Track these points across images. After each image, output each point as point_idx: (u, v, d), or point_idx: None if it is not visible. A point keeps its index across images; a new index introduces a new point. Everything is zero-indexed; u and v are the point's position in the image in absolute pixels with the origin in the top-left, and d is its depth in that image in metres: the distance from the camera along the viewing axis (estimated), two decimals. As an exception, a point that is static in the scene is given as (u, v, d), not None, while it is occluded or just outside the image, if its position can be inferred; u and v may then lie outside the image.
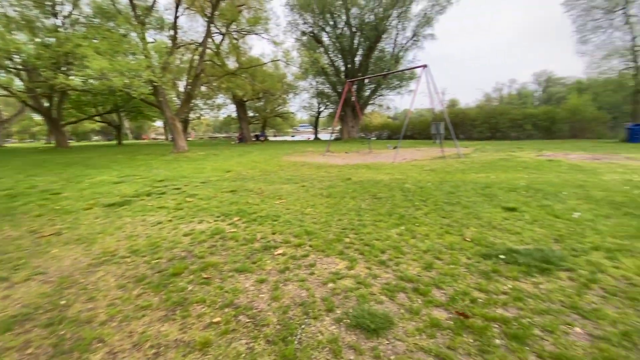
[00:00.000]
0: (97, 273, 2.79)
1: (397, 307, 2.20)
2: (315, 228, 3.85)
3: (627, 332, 1.83)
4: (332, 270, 2.77)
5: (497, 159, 10.41)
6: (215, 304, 2.26)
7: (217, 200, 5.43)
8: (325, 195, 5.64)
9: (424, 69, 11.46)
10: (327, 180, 7.24)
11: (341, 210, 4.66)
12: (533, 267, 2.65)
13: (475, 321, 1.99)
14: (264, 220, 4.23)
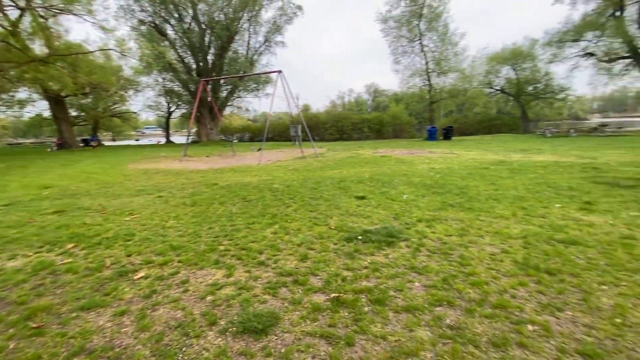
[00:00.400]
0: None
1: (280, 302, 2.27)
2: (182, 241, 3.48)
3: (446, 278, 2.51)
4: (209, 282, 2.59)
5: (346, 157, 12.07)
6: (57, 357, 1.73)
7: (36, 226, 4.14)
8: (189, 204, 5.17)
9: (279, 74, 12.04)
10: (189, 188, 6.64)
11: (210, 217, 4.39)
12: (382, 242, 3.25)
13: (348, 297, 2.28)
14: (113, 242, 3.52)
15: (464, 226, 3.67)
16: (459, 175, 6.97)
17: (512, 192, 5.25)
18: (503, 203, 4.58)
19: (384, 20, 26.40)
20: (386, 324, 1.98)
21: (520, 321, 1.93)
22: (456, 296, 2.25)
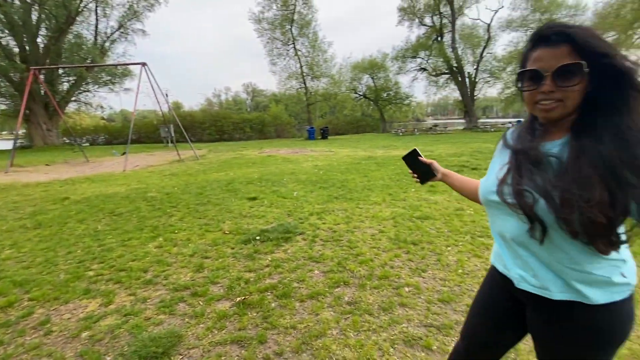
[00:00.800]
0: None
1: (180, 318, 2.08)
2: (30, 274, 2.73)
3: (340, 261, 2.81)
4: (80, 316, 2.13)
5: (230, 158, 11.67)
6: None
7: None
8: (31, 227, 4.05)
9: (143, 66, 10.59)
10: (28, 206, 5.17)
11: (67, 240, 3.56)
12: (280, 239, 3.35)
13: (253, 297, 2.28)
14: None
15: (348, 214, 4.16)
16: (339, 170, 7.76)
17: (380, 182, 6.21)
18: (375, 191, 5.38)
19: (257, 20, 26.56)
20: (294, 314, 2.09)
21: (399, 286, 2.37)
22: (350, 276, 2.56)
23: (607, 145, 0.67)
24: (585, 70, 0.69)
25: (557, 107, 0.74)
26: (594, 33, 0.71)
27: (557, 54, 0.71)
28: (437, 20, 31.60)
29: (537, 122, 0.84)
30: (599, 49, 0.69)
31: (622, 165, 0.65)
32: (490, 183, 0.87)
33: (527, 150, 0.79)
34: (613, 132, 0.68)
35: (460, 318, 1.96)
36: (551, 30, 0.72)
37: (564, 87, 0.71)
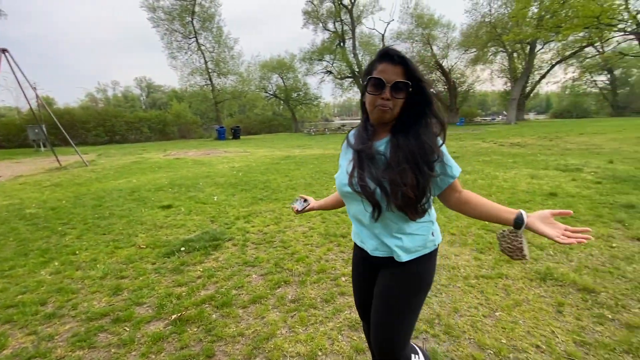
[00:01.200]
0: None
1: (104, 350, 1.81)
2: None
3: (277, 262, 2.82)
4: (-48, 375, 1.65)
5: (130, 163, 10.26)
6: None
7: None
8: None
9: (3, 53, 8.44)
10: None
11: None
12: (208, 247, 3.17)
13: (190, 312, 2.13)
14: None
15: (277, 215, 4.18)
16: (259, 171, 7.65)
17: (302, 180, 6.38)
18: (299, 190, 5.51)
19: (151, 8, 23.84)
20: (239, 321, 2.04)
21: (337, 277, 2.53)
22: (289, 274, 2.61)
23: (412, 145, 0.94)
24: (409, 89, 0.94)
25: (387, 112, 0.96)
26: (417, 68, 0.96)
27: (396, 71, 0.93)
28: (339, 26, 33.76)
29: (369, 124, 1.05)
30: (419, 75, 0.94)
31: (421, 160, 0.93)
32: (342, 177, 1.06)
33: (364, 149, 1.01)
34: (416, 135, 0.95)
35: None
36: (394, 52, 0.94)
37: (396, 97, 0.94)
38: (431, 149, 0.95)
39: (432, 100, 0.97)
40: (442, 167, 0.98)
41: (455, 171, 1.01)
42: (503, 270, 2.49)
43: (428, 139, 0.95)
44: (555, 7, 11.16)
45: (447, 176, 1.00)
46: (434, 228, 1.10)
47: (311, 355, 1.72)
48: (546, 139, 12.67)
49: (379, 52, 0.98)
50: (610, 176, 5.40)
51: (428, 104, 0.96)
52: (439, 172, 0.98)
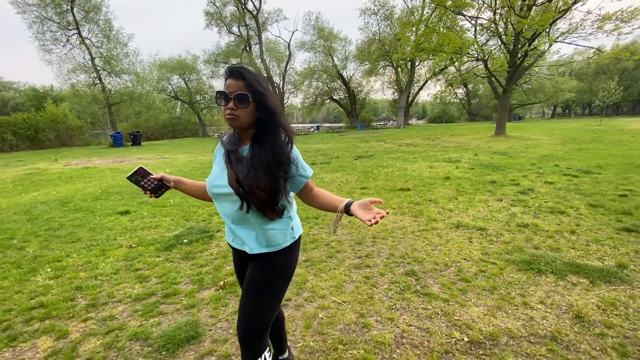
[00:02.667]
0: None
1: (177, 314, 2.19)
2: None
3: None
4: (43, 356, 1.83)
5: (22, 175, 8.68)
6: None
7: None
8: None
9: None
10: None
11: None
12: (205, 238, 3.53)
13: (230, 279, 2.61)
14: None
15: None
16: (199, 174, 7.68)
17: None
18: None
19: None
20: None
21: (328, 242, 3.32)
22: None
23: (267, 154, 1.07)
24: (250, 100, 1.06)
25: (236, 119, 1.08)
26: (257, 77, 1.09)
27: (238, 85, 1.06)
28: (244, 31, 33.79)
29: (235, 131, 1.18)
30: (256, 88, 1.07)
31: (275, 166, 1.07)
32: (214, 178, 1.18)
33: (232, 151, 1.14)
34: (270, 145, 1.09)
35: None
36: (236, 69, 1.08)
37: (240, 107, 1.06)
38: (284, 156, 1.08)
39: (274, 111, 1.10)
40: (296, 169, 1.12)
41: (308, 172, 1.16)
42: (434, 225, 3.71)
43: (279, 147, 1.09)
44: (429, 37, 14.18)
45: (302, 177, 1.15)
46: (294, 223, 1.22)
47: (339, 284, 2.49)
48: (429, 139, 15.84)
49: (225, 70, 1.11)
50: (478, 164, 7.62)
51: (272, 115, 1.10)
52: (294, 173, 1.12)
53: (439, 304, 2.18)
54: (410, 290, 2.37)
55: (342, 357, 1.73)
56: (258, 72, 1.61)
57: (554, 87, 39.12)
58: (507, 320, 1.98)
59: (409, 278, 2.54)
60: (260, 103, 1.08)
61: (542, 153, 9.16)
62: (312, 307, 2.23)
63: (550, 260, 2.69)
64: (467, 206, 4.35)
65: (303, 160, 1.17)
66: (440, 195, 4.97)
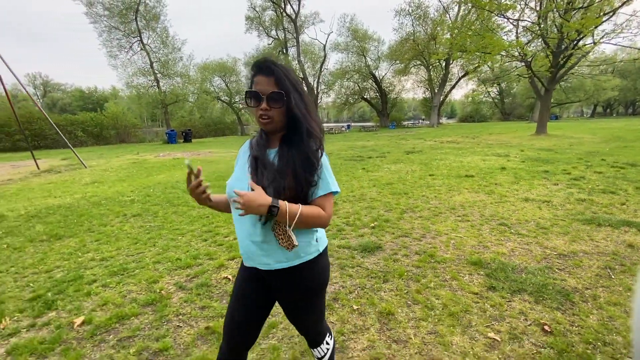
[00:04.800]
0: None
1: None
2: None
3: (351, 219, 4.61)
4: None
5: (128, 164, 10.45)
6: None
7: None
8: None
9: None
10: None
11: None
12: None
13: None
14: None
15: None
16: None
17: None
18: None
19: (89, 3, 22.17)
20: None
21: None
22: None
23: (296, 154, 1.00)
24: (285, 98, 0.97)
25: (270, 122, 1.00)
26: (288, 71, 1.00)
27: (269, 82, 0.97)
28: (282, 34, 35.44)
29: (264, 132, 1.09)
30: (290, 84, 0.98)
31: (303, 167, 0.99)
32: (234, 182, 1.09)
33: (259, 156, 1.04)
34: (300, 144, 1.00)
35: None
36: (264, 64, 0.98)
37: (274, 107, 0.98)
38: (314, 158, 0.99)
39: (307, 109, 1.02)
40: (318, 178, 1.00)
41: (332, 187, 1.03)
42: (506, 199, 4.74)
43: (309, 149, 0.99)
44: (472, 39, 14.91)
45: (320, 189, 1.01)
46: (318, 234, 1.11)
47: (454, 228, 3.62)
48: (469, 138, 16.50)
49: (253, 65, 1.02)
50: (527, 158, 8.46)
51: (303, 114, 1.00)
52: (316, 180, 1.00)
53: (530, 239, 3.26)
54: (507, 232, 3.47)
55: (482, 256, 2.86)
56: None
57: (595, 86, 37.94)
58: (580, 246, 3.04)
59: (503, 227, 3.63)
60: (293, 100, 0.99)
61: (587, 150, 9.78)
62: (444, 239, 3.37)
63: (607, 219, 3.68)
64: (529, 187, 5.34)
65: (332, 174, 1.06)
66: (502, 180, 5.96)
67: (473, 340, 1.82)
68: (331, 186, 1.03)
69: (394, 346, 1.80)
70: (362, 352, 1.77)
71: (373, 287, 2.43)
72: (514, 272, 2.56)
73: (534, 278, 2.43)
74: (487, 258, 2.83)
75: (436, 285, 2.42)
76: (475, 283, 2.43)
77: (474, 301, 2.20)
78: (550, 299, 2.18)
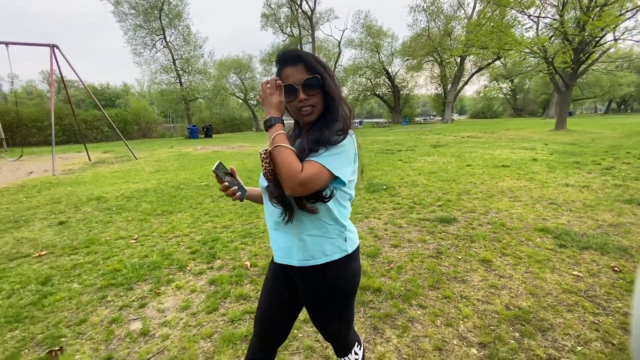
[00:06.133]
0: None
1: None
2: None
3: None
4: (381, 224, 3.71)
5: (167, 156, 11.17)
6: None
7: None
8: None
9: (53, 48, 8.87)
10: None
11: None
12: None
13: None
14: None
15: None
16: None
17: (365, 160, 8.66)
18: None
19: (116, 2, 22.95)
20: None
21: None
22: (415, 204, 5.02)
23: (313, 135, 0.91)
24: (321, 82, 0.92)
25: (312, 111, 0.95)
26: (314, 56, 0.95)
27: (300, 70, 0.92)
28: (296, 31, 35.92)
29: (297, 126, 1.05)
30: (319, 69, 0.93)
31: (311, 139, 0.91)
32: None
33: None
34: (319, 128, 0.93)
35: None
36: (289, 53, 0.94)
37: (311, 95, 0.92)
38: (327, 137, 0.90)
39: (337, 93, 0.96)
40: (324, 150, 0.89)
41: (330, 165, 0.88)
42: (547, 185, 5.28)
43: (323, 131, 0.91)
44: (493, 36, 15.29)
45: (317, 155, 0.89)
46: (347, 233, 1.03)
47: (512, 207, 4.19)
48: (488, 133, 16.90)
49: (277, 60, 0.97)
50: (554, 151, 8.94)
51: (333, 99, 0.95)
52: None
53: (581, 214, 3.81)
54: (559, 209, 4.03)
55: (545, 225, 3.43)
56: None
57: (611, 82, 37.76)
58: (626, 219, 3.59)
59: (553, 205, 4.19)
60: (327, 83, 0.93)
61: (610, 144, 10.20)
62: (505, 214, 3.94)
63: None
64: (565, 176, 5.87)
65: (347, 162, 0.93)
66: (537, 169, 6.49)
67: (561, 276, 2.42)
68: (330, 164, 0.87)
69: (502, 280, 2.41)
70: (479, 283, 2.38)
71: (465, 246, 3.03)
72: (576, 236, 3.13)
73: (594, 239, 3.01)
74: (550, 227, 3.41)
75: (516, 244, 3.02)
76: (547, 243, 3.02)
77: (552, 254, 2.79)
78: (612, 252, 2.76)
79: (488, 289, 2.29)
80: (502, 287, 2.30)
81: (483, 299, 2.17)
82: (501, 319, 1.95)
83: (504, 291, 2.26)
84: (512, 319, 1.95)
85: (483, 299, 2.17)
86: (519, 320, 1.94)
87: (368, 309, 2.11)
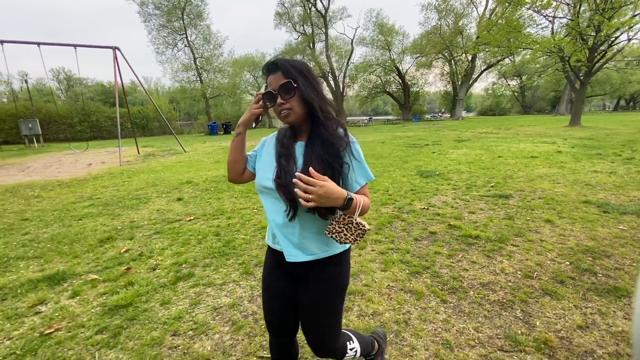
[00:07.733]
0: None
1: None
2: (377, 197, 4.62)
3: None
4: (449, 199, 4.56)
5: (219, 149, 12.03)
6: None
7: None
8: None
9: (114, 50, 9.73)
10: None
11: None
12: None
13: (486, 187, 5.22)
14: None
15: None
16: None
17: (388, 156, 9.46)
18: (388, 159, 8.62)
19: (142, 3, 23.83)
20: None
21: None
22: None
23: (320, 142, 1.01)
24: (294, 85, 0.99)
25: (290, 114, 1.02)
26: (292, 62, 1.03)
27: (278, 77, 1.01)
28: (309, 29, 36.63)
29: (290, 127, 1.12)
30: (297, 72, 1.00)
31: (329, 154, 1.01)
32: (264, 172, 1.10)
33: (287, 146, 1.08)
34: (323, 139, 1.01)
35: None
36: (270, 63, 1.03)
37: (288, 98, 1.00)
38: (333, 142, 1.00)
39: (316, 93, 1.02)
40: (348, 168, 1.02)
41: (371, 175, 1.07)
42: (576, 171, 6.07)
43: (331, 135, 1.01)
44: (510, 35, 15.98)
45: (362, 178, 1.05)
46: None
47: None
48: (503, 129, 17.58)
49: (263, 68, 1.06)
50: (575, 144, 9.70)
51: (307, 101, 1.01)
52: (345, 172, 1.02)
53: (614, 192, 4.60)
54: (594, 189, 4.82)
55: (587, 199, 4.23)
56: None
57: (622, 79, 38.16)
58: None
59: (588, 186, 4.99)
60: (302, 85, 1.00)
61: (626, 139, 10.91)
62: (550, 192, 4.75)
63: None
64: (592, 165, 6.64)
65: (364, 162, 1.06)
66: (564, 160, 7.27)
67: (610, 229, 3.25)
68: (370, 174, 1.07)
69: (566, 231, 3.24)
70: (550, 233, 3.21)
71: (528, 212, 3.87)
72: (615, 205, 3.95)
73: (632, 207, 3.82)
74: (591, 200, 4.23)
75: (569, 211, 3.84)
76: (593, 211, 3.84)
77: (599, 217, 3.61)
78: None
79: (558, 237, 3.13)
80: (568, 236, 3.14)
81: (558, 242, 3.01)
82: (576, 251, 2.79)
83: (571, 237, 3.10)
84: (584, 251, 2.79)
85: (558, 242, 3.01)
86: (589, 251, 2.78)
87: (475, 248, 2.95)
